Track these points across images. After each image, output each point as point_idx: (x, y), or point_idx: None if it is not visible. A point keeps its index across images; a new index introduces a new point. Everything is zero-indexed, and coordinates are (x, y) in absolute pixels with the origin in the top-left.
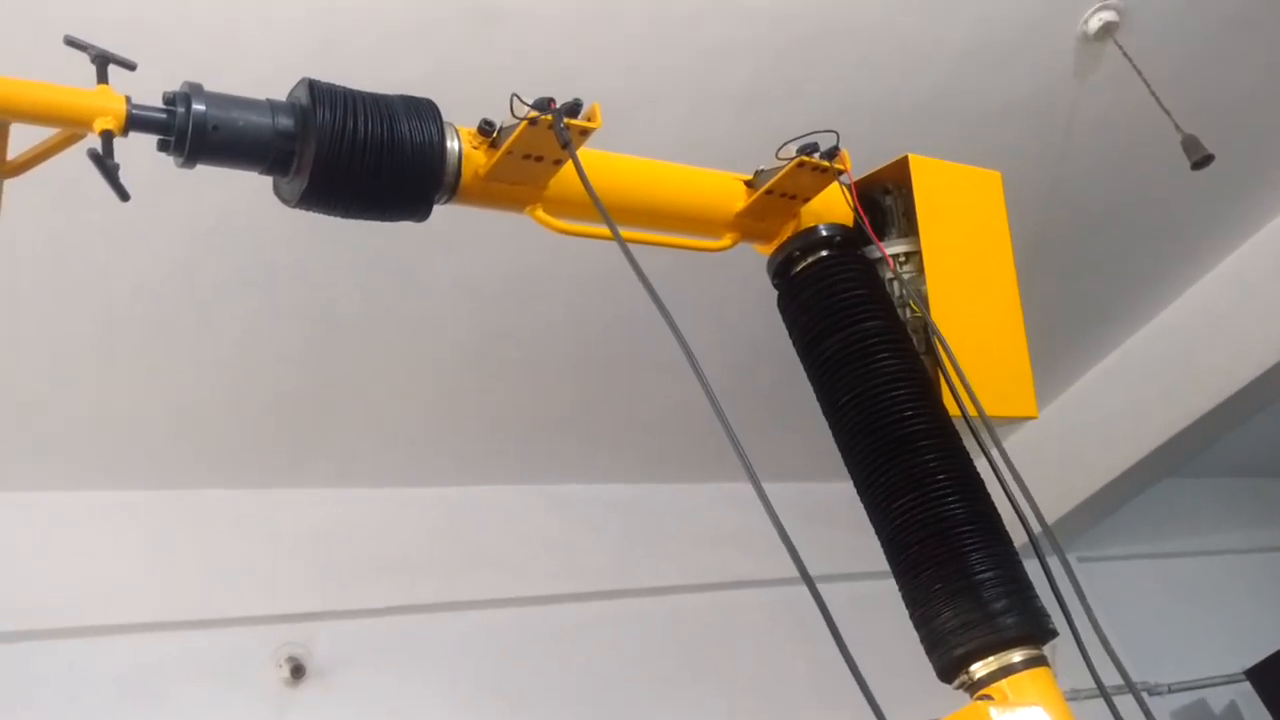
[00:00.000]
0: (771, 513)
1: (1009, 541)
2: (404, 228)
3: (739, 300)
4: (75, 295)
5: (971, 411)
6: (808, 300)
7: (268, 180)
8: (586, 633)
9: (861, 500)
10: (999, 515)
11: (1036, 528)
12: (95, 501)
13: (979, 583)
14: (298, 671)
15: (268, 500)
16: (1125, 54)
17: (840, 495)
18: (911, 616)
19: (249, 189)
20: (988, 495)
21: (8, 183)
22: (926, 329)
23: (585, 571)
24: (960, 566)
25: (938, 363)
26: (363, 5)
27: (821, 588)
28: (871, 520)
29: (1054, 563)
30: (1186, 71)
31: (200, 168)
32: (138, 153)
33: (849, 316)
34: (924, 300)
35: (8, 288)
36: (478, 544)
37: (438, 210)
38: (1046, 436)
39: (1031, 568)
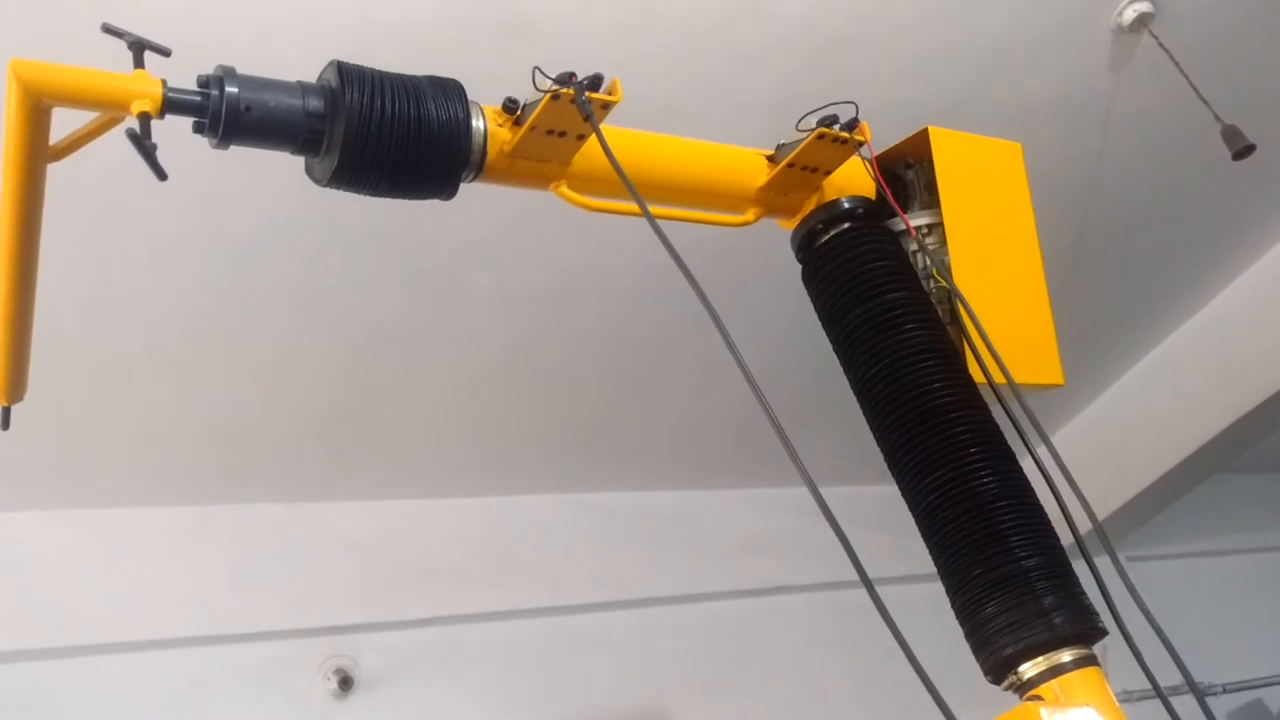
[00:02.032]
0: (830, 516)
1: (1045, 520)
2: (439, 239)
3: (768, 306)
4: (117, 313)
5: (998, 379)
6: (832, 272)
7: (305, 196)
8: (626, 640)
9: (893, 476)
10: (1033, 490)
11: (1086, 525)
12: (140, 517)
13: (1022, 572)
14: (345, 683)
15: (311, 513)
16: (1161, 45)
17: (875, 499)
18: (953, 604)
19: (287, 205)
20: (1020, 469)
21: (50, 168)
22: (951, 300)
23: (623, 579)
24: (999, 549)
25: (963, 333)
26: (396, 18)
27: (859, 592)
28: (904, 496)
29: (1106, 562)
30: (1224, 61)
31: (241, 181)
32: (179, 172)
33: (874, 287)
34: (948, 270)
35: (50, 307)
36: (517, 553)
37: (474, 220)
38: (1092, 434)
39: (1081, 568)
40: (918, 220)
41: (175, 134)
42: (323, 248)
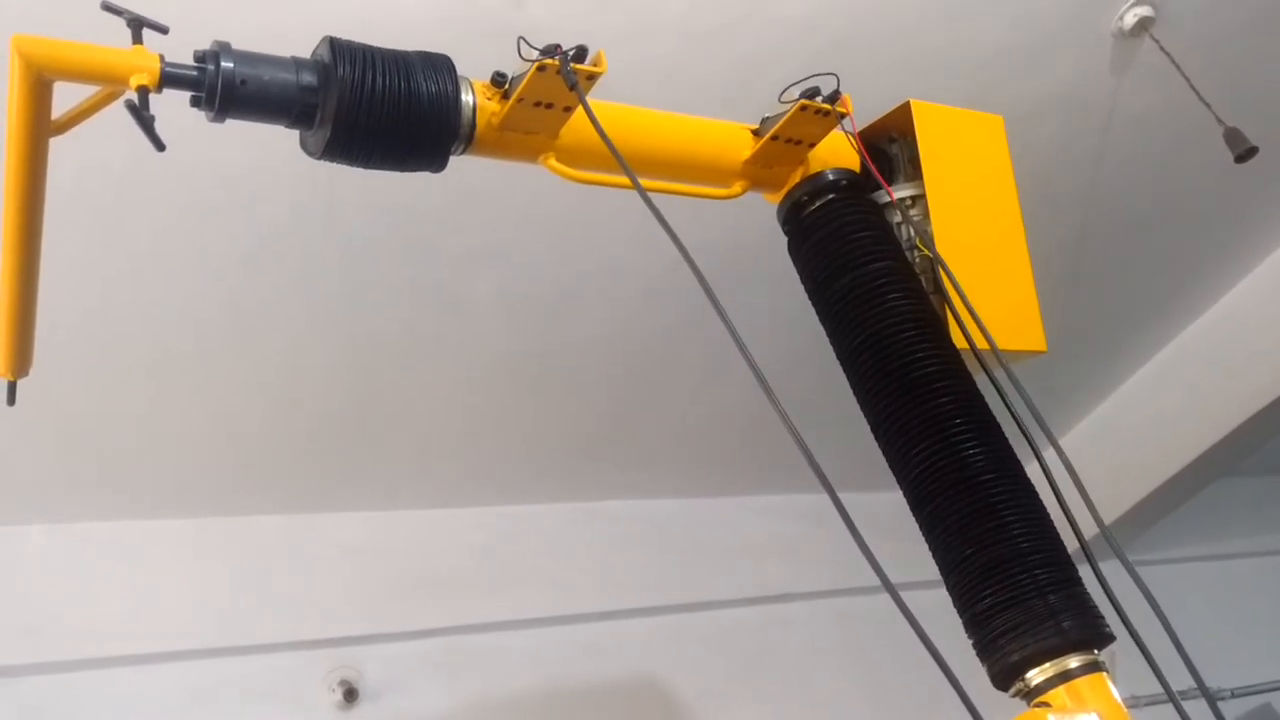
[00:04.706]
0: (848, 520)
1: (1033, 492)
2: (440, 247)
3: (767, 313)
4: (119, 325)
5: (980, 344)
6: (817, 243)
7: (308, 205)
8: (632, 648)
9: (880, 448)
10: (1020, 463)
11: (1093, 530)
12: (143, 530)
13: (1019, 556)
14: (350, 695)
15: (314, 524)
16: (1162, 48)
17: (876, 505)
18: (947, 585)
19: (289, 213)
20: (1005, 439)
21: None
22: (935, 269)
23: (630, 587)
24: (992, 525)
25: (946, 301)
26: (391, 25)
27: (864, 599)
28: (892, 469)
29: (1116, 566)
30: (1225, 63)
31: (244, 189)
32: (185, 182)
33: (858, 258)
34: (931, 240)
35: (53, 317)
36: (522, 562)
37: (478, 227)
38: (1098, 437)
39: (1088, 574)
40: (901, 192)
41: (176, 138)
42: (324, 256)
